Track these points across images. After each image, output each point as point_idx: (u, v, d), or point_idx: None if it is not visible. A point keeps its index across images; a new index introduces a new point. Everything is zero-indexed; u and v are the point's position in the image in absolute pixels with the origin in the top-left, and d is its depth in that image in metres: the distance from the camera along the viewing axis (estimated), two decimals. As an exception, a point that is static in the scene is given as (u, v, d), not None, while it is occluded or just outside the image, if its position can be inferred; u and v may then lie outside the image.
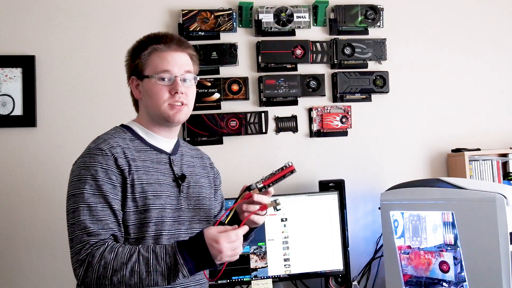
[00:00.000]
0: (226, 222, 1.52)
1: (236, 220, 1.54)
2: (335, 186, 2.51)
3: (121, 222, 1.43)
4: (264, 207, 1.47)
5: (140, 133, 1.55)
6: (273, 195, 1.53)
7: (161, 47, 1.51)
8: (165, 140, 1.57)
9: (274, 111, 2.65)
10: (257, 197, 1.47)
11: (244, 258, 2.34)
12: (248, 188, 1.48)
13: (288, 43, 2.65)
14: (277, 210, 1.48)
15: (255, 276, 2.35)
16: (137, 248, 1.38)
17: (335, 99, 2.71)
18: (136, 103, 1.62)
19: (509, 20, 2.95)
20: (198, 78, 1.58)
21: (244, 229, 1.40)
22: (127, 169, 1.45)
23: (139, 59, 1.53)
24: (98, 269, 1.34)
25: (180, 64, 1.52)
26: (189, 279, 1.51)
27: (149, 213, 1.44)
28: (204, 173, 1.67)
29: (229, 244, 1.35)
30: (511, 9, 2.96)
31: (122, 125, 1.58)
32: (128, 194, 1.44)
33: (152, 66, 1.51)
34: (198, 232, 1.40)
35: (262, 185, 1.46)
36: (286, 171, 1.46)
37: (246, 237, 1.58)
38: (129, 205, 1.44)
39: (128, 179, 1.44)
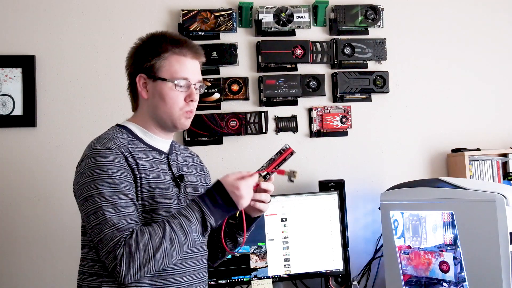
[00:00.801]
0: (237, 215, 1.53)
1: (245, 215, 1.57)
2: (335, 186, 2.51)
3: (140, 217, 1.42)
4: (282, 172, 1.49)
5: (138, 133, 1.54)
6: (271, 195, 1.55)
7: (183, 52, 1.50)
8: (162, 140, 1.57)
9: (274, 111, 2.65)
10: (264, 184, 1.49)
11: (244, 258, 2.34)
12: None
13: (288, 43, 2.65)
14: (291, 180, 1.49)
15: (255, 276, 2.35)
16: (163, 220, 1.38)
17: (335, 99, 2.71)
18: (135, 100, 1.58)
19: (509, 19, 2.95)
20: (205, 86, 1.60)
21: (256, 176, 1.44)
22: (136, 168, 1.44)
23: (158, 59, 1.49)
24: (139, 255, 1.32)
25: (197, 73, 1.54)
26: (193, 277, 1.51)
27: (156, 213, 1.44)
28: (197, 172, 1.67)
29: (248, 189, 1.40)
30: (511, 10, 2.96)
31: (118, 125, 1.56)
32: (138, 193, 1.43)
33: (171, 70, 1.49)
34: (215, 182, 1.44)
35: (265, 172, 1.47)
36: (285, 155, 1.47)
37: (248, 228, 1.60)
38: (139, 204, 1.43)
39: (138, 178, 1.43)
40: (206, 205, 1.38)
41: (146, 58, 1.51)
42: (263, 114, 2.61)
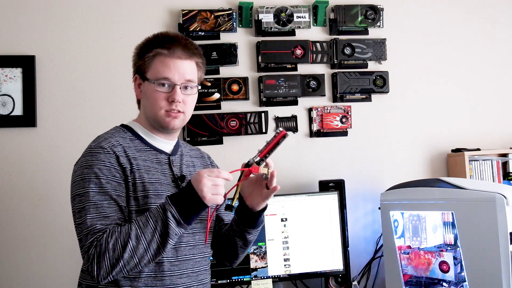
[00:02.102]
0: (233, 203, 1.49)
1: (243, 206, 1.55)
2: (335, 186, 2.51)
3: (127, 219, 1.42)
4: (249, 171, 1.46)
5: (140, 133, 1.55)
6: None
7: (166, 52, 1.50)
8: (165, 141, 1.57)
9: (274, 111, 2.65)
10: (262, 169, 1.46)
11: (244, 258, 2.34)
12: (247, 165, 1.47)
13: (288, 43, 2.65)
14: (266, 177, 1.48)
15: (255, 276, 2.35)
16: (133, 219, 1.39)
17: (335, 99, 2.71)
18: (138, 100, 1.61)
19: (509, 20, 2.95)
20: (199, 87, 1.58)
21: (229, 175, 1.38)
22: (129, 168, 1.45)
23: (143, 61, 1.52)
24: (109, 254, 1.33)
25: (183, 73, 1.51)
26: (192, 279, 1.50)
27: None
28: None
29: (210, 176, 1.34)
30: (511, 10, 2.96)
31: (123, 125, 1.58)
32: (130, 193, 1.44)
33: (153, 71, 1.50)
34: None
35: (258, 158, 1.45)
36: (278, 138, 1.44)
37: (256, 221, 1.58)
38: (131, 204, 1.44)
39: (129, 178, 1.44)
40: (169, 197, 1.37)
41: (138, 60, 1.55)
42: (263, 114, 2.61)
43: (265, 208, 1.58)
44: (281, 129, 1.46)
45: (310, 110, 2.68)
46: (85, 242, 1.36)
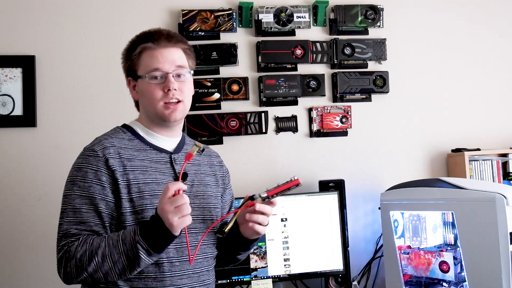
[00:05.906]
0: (226, 230, 1.48)
1: (235, 230, 1.54)
2: (335, 186, 2.51)
3: (107, 224, 1.42)
4: (251, 203, 1.47)
5: (141, 132, 1.55)
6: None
7: (150, 45, 1.50)
8: (167, 139, 1.57)
9: (274, 111, 2.65)
10: (259, 206, 1.46)
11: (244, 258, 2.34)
12: (251, 198, 1.47)
13: (288, 43, 2.65)
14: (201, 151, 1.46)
15: (255, 276, 2.35)
16: (106, 235, 1.39)
17: (335, 99, 2.71)
18: (137, 103, 1.61)
19: (509, 20, 2.95)
20: (192, 72, 1.56)
21: (181, 184, 1.34)
22: (121, 170, 1.44)
23: (131, 60, 1.53)
24: (75, 263, 1.36)
25: (171, 60, 1.50)
26: (194, 279, 1.50)
27: (146, 213, 1.43)
28: (211, 171, 1.65)
29: (168, 200, 1.30)
30: (511, 10, 2.96)
31: (124, 125, 1.58)
32: (124, 195, 1.43)
33: (143, 66, 1.50)
34: None
35: (265, 195, 1.47)
36: (291, 184, 1.47)
37: (248, 246, 1.60)
38: (125, 206, 1.43)
39: (119, 180, 1.43)
40: (140, 228, 1.35)
41: (126, 62, 1.56)
42: (263, 114, 2.61)
43: (258, 238, 1.57)
44: (296, 177, 1.47)
45: (310, 110, 2.68)
46: (58, 244, 1.41)
